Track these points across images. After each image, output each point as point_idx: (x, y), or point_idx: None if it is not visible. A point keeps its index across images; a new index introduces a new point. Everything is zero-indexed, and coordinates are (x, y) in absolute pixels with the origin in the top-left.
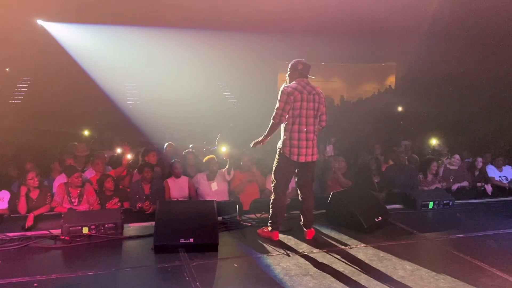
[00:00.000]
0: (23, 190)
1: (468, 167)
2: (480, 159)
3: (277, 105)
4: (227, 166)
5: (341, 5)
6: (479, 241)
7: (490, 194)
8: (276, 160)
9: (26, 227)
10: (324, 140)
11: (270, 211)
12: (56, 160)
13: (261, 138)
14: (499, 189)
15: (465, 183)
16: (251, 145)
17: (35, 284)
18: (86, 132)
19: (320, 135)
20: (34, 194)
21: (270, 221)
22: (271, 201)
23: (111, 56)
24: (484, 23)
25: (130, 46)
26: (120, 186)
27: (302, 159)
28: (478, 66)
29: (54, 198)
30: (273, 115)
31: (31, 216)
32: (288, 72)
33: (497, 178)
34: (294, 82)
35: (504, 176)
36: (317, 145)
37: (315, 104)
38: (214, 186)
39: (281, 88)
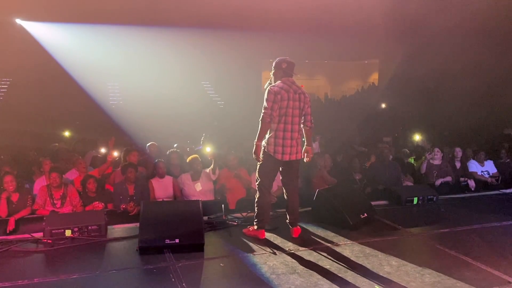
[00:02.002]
0: (4, 194)
1: (450, 161)
2: (458, 149)
3: (265, 105)
4: (211, 166)
5: (324, 2)
6: (463, 235)
7: (473, 189)
8: (260, 158)
9: (7, 232)
10: None
11: (255, 210)
12: (35, 162)
13: (255, 147)
14: (481, 184)
15: (449, 178)
16: (255, 158)
17: None
18: (67, 133)
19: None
20: (15, 197)
21: (255, 220)
22: (256, 199)
23: (93, 55)
24: (466, 20)
25: (112, 45)
26: (107, 186)
27: (287, 157)
28: (459, 63)
29: (36, 200)
30: (262, 116)
31: (12, 220)
32: (273, 71)
33: (479, 173)
34: (279, 81)
35: (486, 171)
36: (301, 143)
37: (300, 103)
38: (198, 186)
39: (267, 88)
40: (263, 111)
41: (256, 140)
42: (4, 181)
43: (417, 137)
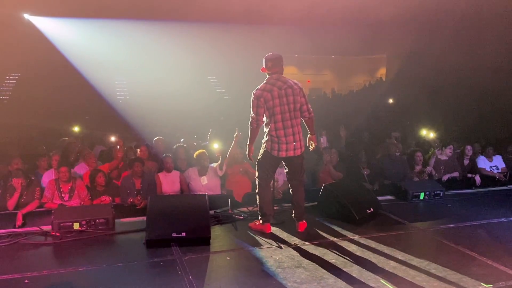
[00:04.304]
0: (19, 187)
1: (458, 157)
2: (469, 147)
3: (251, 111)
4: (219, 162)
5: None
6: (470, 230)
7: (478, 184)
8: (260, 153)
9: (17, 227)
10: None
11: (258, 203)
12: (43, 156)
13: (247, 149)
14: (489, 179)
15: (456, 174)
16: (248, 159)
17: (26, 281)
18: (76, 128)
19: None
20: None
21: (260, 214)
22: (256, 193)
23: (100, 50)
24: (476, 15)
25: (119, 40)
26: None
27: (283, 154)
28: (468, 58)
29: (44, 194)
30: (250, 121)
31: (19, 215)
32: (262, 67)
33: (488, 169)
34: (263, 82)
35: (495, 166)
36: (302, 138)
37: (288, 97)
38: (204, 180)
39: (252, 93)
40: (250, 117)
41: (248, 143)
42: (13, 182)
43: (424, 132)
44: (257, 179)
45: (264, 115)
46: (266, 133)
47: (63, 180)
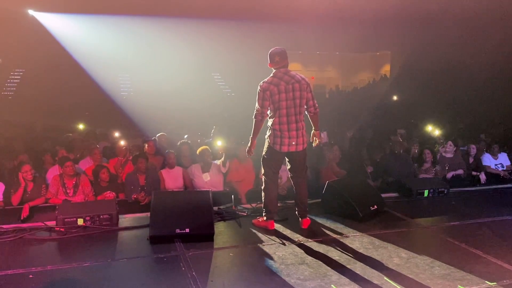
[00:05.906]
0: (23, 182)
1: (463, 155)
2: (473, 146)
3: (256, 103)
4: (222, 159)
5: None
6: (474, 228)
7: (483, 182)
8: (264, 149)
9: (21, 218)
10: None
11: (262, 200)
12: (48, 152)
13: (250, 142)
14: (494, 177)
15: (460, 171)
16: (247, 155)
17: (30, 276)
18: (81, 126)
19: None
20: (29, 186)
21: (264, 211)
22: (262, 190)
23: (105, 46)
24: (481, 11)
25: (123, 36)
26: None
27: (285, 149)
28: (473, 54)
29: (49, 189)
30: (254, 114)
31: (26, 207)
32: (268, 62)
33: (493, 167)
34: (270, 75)
35: (500, 163)
36: (304, 134)
37: (295, 93)
38: (206, 176)
39: (258, 85)
40: (255, 109)
41: (251, 136)
42: (22, 170)
43: (430, 128)
44: (262, 176)
45: (269, 108)
46: (269, 128)
47: (68, 175)
